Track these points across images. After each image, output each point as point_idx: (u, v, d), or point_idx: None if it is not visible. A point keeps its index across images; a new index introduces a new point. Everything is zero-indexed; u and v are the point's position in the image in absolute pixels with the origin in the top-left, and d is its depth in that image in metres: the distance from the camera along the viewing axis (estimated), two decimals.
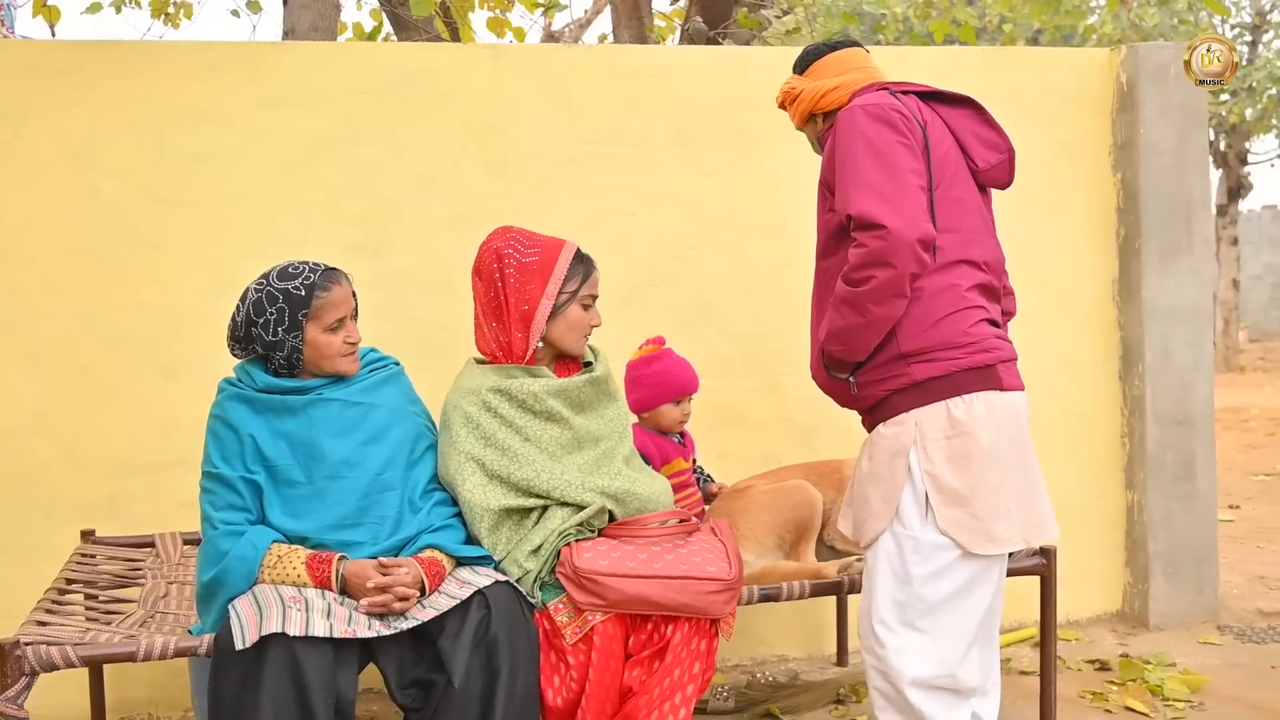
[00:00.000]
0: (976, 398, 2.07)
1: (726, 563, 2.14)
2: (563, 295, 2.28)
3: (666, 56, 3.54)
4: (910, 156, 2.05)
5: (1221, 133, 12.83)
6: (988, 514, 2.07)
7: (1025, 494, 2.13)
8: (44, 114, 3.00)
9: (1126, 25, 9.71)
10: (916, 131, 2.09)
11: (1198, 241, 3.60)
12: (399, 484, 2.20)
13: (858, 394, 2.16)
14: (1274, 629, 3.59)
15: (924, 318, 2.07)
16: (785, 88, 2.34)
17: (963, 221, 2.13)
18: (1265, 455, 7.19)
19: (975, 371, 2.09)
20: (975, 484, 2.06)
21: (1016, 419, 2.13)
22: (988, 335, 2.13)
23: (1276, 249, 16.95)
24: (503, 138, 3.24)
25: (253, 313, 2.15)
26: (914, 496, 2.09)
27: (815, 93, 2.26)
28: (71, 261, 3.02)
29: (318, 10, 4.27)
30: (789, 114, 2.37)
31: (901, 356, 2.09)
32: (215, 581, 2.07)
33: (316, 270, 2.18)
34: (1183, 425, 3.59)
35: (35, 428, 3.01)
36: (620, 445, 2.36)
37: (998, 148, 2.24)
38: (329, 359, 2.18)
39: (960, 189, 2.15)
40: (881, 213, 1.99)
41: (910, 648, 2.08)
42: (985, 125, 2.25)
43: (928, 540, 2.07)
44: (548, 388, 2.26)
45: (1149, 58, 3.55)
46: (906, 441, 2.08)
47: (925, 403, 2.08)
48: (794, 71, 2.36)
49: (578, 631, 2.08)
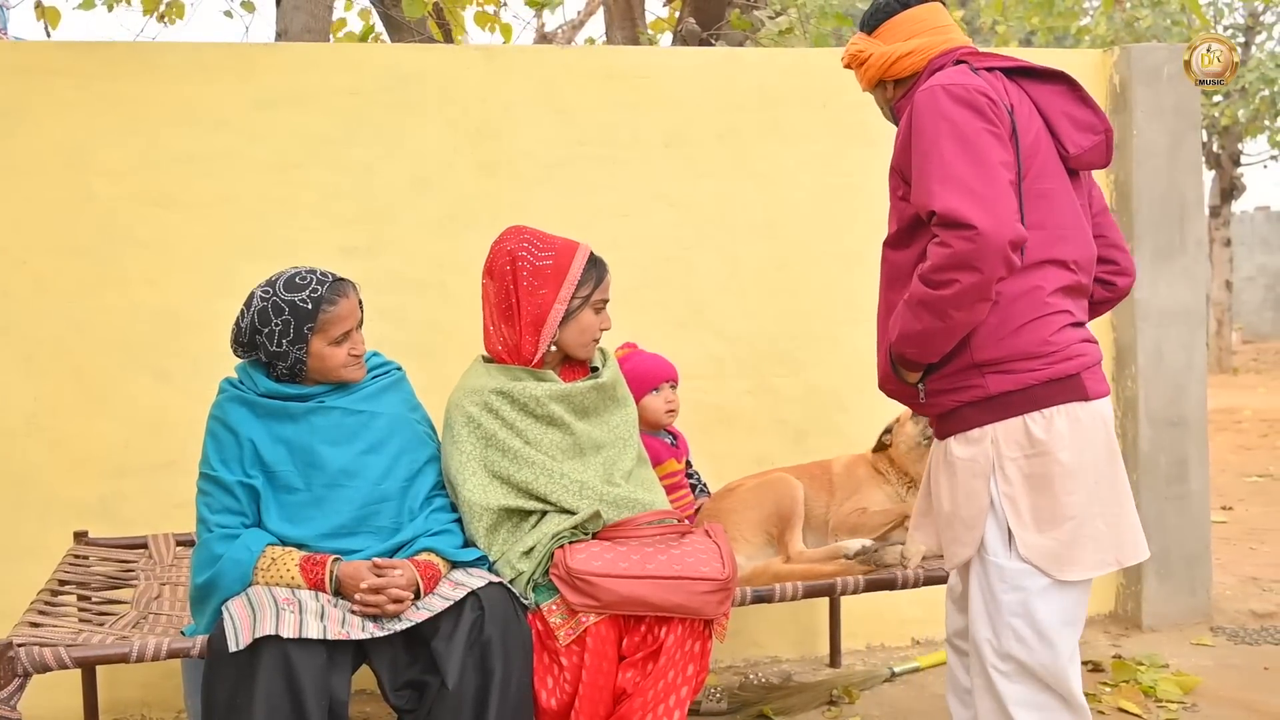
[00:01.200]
0: (1057, 412, 1.91)
1: (720, 563, 2.14)
2: (575, 300, 2.27)
3: (659, 58, 3.54)
4: (999, 147, 1.85)
5: (1214, 134, 12.86)
6: (1072, 538, 1.92)
7: (1115, 512, 1.97)
8: (37, 115, 2.99)
9: (1120, 26, 9.74)
10: (1004, 116, 1.89)
11: (1191, 243, 3.61)
12: (397, 495, 2.20)
13: (926, 402, 2.02)
14: (1267, 630, 3.60)
15: (1002, 325, 1.91)
16: (853, 49, 2.11)
17: (1050, 216, 1.94)
18: (1258, 457, 7.21)
19: (1057, 383, 1.92)
20: (1058, 507, 1.92)
21: (1102, 431, 1.96)
22: (1072, 341, 1.95)
23: (1270, 250, 17.00)
24: (496, 139, 3.24)
25: (257, 321, 2.13)
26: (996, 522, 1.95)
27: (886, 58, 2.05)
28: (64, 262, 3.02)
29: (310, 12, 4.26)
30: (857, 77, 2.15)
31: (975, 366, 1.93)
32: (209, 584, 2.07)
33: (324, 282, 2.15)
34: (1176, 426, 3.59)
35: (28, 429, 3.00)
36: (624, 453, 2.35)
37: (1093, 128, 2.01)
38: (333, 370, 2.18)
39: (1050, 179, 1.96)
40: (971, 211, 1.79)
41: (1012, 672, 1.96)
42: (1079, 104, 2.02)
43: (1012, 568, 1.93)
44: (550, 392, 2.26)
45: (1142, 59, 3.56)
46: (985, 465, 1.93)
47: (1001, 418, 1.93)
48: (861, 30, 2.13)
49: (571, 633, 2.07)
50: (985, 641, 1.99)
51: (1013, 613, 1.95)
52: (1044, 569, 1.93)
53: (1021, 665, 1.96)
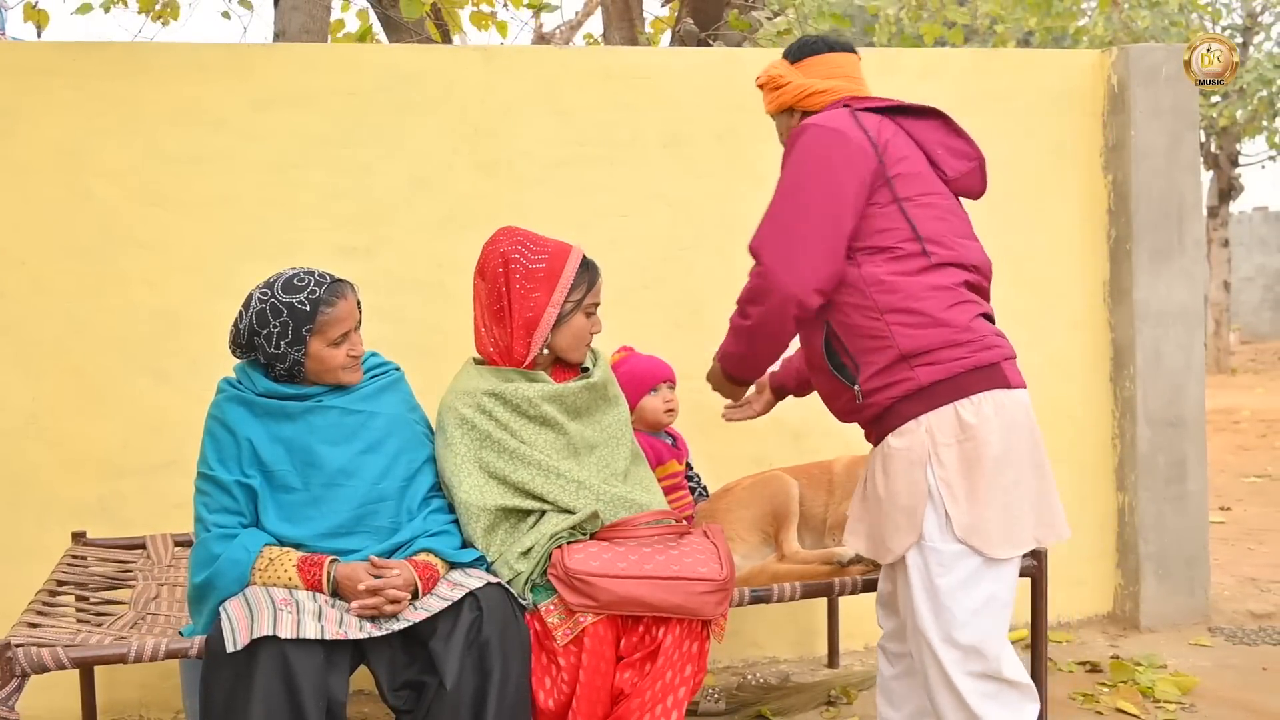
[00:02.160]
0: (984, 398, 2.04)
1: (718, 563, 2.14)
2: (568, 304, 2.28)
3: (658, 58, 3.54)
4: (837, 197, 2.04)
5: (1212, 135, 12.87)
6: (1003, 518, 2.04)
7: (1038, 493, 2.11)
8: (35, 115, 2.99)
9: (1118, 27, 9.74)
10: (866, 156, 2.07)
11: (1189, 243, 3.61)
12: (395, 495, 2.19)
13: (863, 403, 2.12)
14: (1265, 631, 3.60)
15: (922, 315, 2.05)
16: (773, 72, 2.28)
17: (944, 226, 2.12)
18: (1256, 457, 7.21)
19: (980, 371, 2.06)
20: (989, 488, 2.03)
21: (1025, 416, 2.10)
22: (988, 332, 2.11)
23: (1268, 251, 17.00)
24: (494, 139, 3.24)
25: (256, 323, 2.13)
26: (934, 509, 2.05)
27: (802, 89, 2.23)
28: (62, 263, 3.02)
29: (308, 12, 4.26)
30: (765, 97, 2.32)
31: (904, 358, 2.05)
32: (207, 584, 2.07)
33: (322, 283, 2.15)
34: (1174, 427, 3.60)
35: (26, 429, 3.00)
36: (618, 451, 2.35)
37: (967, 156, 2.22)
38: (331, 371, 2.18)
39: (938, 196, 2.14)
40: (771, 256, 2.05)
41: (960, 658, 2.05)
42: (953, 135, 2.23)
43: (949, 550, 2.04)
44: (543, 393, 2.26)
45: (1140, 59, 3.56)
46: (922, 454, 2.04)
47: (933, 407, 2.04)
48: (785, 58, 2.30)
49: (569, 633, 2.07)
50: (930, 630, 2.07)
51: (950, 595, 2.05)
52: (978, 548, 2.04)
53: (967, 649, 2.05)
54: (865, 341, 2.09)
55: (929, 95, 3.59)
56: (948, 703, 2.08)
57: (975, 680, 2.06)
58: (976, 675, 2.06)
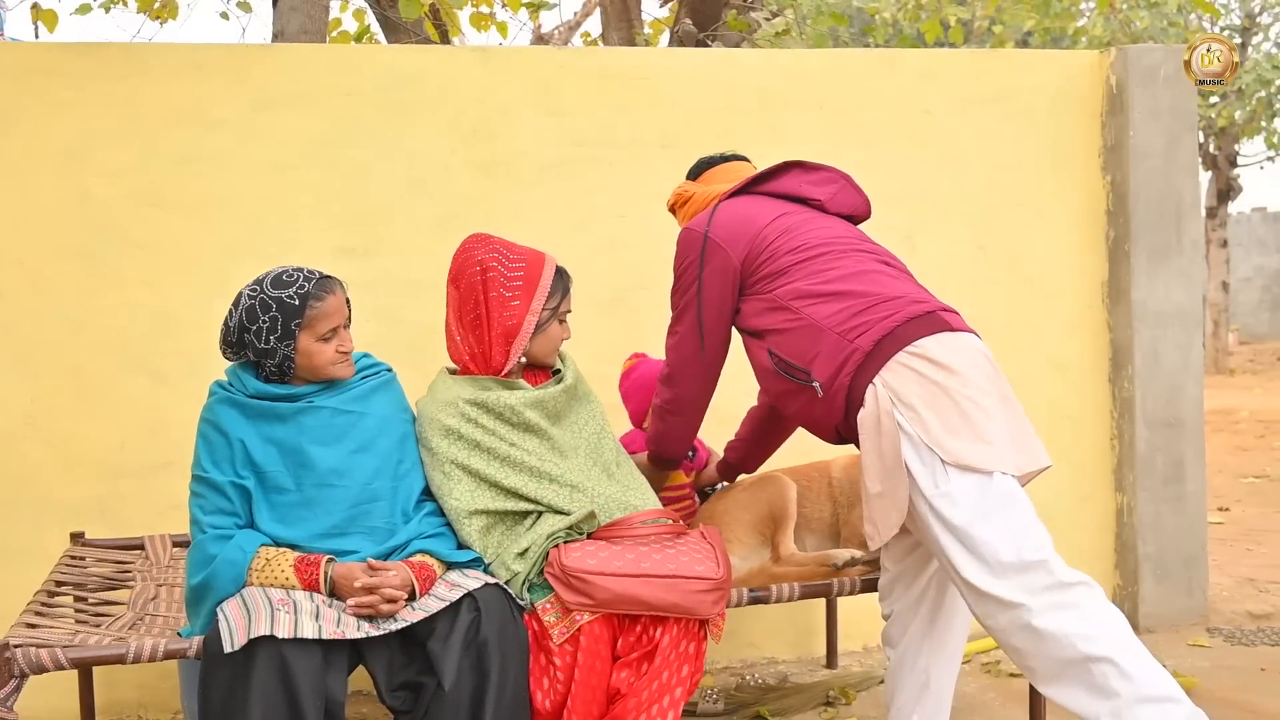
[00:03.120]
0: (929, 340, 2.08)
1: (715, 562, 2.14)
2: (545, 311, 2.29)
3: (656, 58, 3.54)
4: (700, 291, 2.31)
5: (1211, 135, 12.88)
6: (989, 435, 2.02)
7: (1010, 423, 2.09)
8: (33, 116, 2.99)
9: (1116, 27, 9.74)
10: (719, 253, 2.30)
11: (1187, 244, 3.61)
12: (388, 494, 2.19)
13: (829, 396, 2.12)
14: (1263, 631, 3.60)
15: (844, 293, 2.16)
16: (678, 190, 2.55)
17: (829, 234, 2.29)
18: (1255, 458, 7.22)
19: (917, 320, 2.10)
20: (962, 412, 2.02)
21: (980, 354, 2.12)
22: (913, 289, 2.20)
23: (1266, 251, 17.02)
24: (492, 139, 3.24)
25: (245, 319, 2.14)
26: (917, 456, 2.02)
27: (705, 198, 2.47)
28: (61, 263, 3.01)
29: (307, 13, 4.26)
30: (676, 217, 2.57)
31: (841, 335, 2.12)
32: (204, 585, 2.07)
33: (311, 279, 2.16)
34: (1172, 427, 3.60)
35: (24, 429, 3.00)
36: (600, 447, 2.36)
37: (830, 180, 2.40)
38: (321, 367, 2.18)
39: (815, 219, 2.32)
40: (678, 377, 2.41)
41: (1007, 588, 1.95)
42: (808, 170, 2.42)
43: (949, 487, 2.00)
44: (524, 400, 2.26)
45: (1138, 60, 3.56)
46: (887, 406, 2.04)
47: (881, 364, 2.07)
48: (687, 178, 2.60)
49: (565, 632, 2.07)
50: (974, 573, 1.98)
51: (973, 525, 1.98)
52: (973, 464, 2.00)
53: (1016, 567, 1.95)
54: (803, 342, 2.16)
55: (928, 96, 3.62)
56: (1022, 638, 1.95)
57: (1039, 594, 1.94)
58: (1038, 590, 1.94)
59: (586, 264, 3.23)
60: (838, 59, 3.62)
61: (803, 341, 2.17)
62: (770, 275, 2.25)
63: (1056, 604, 1.94)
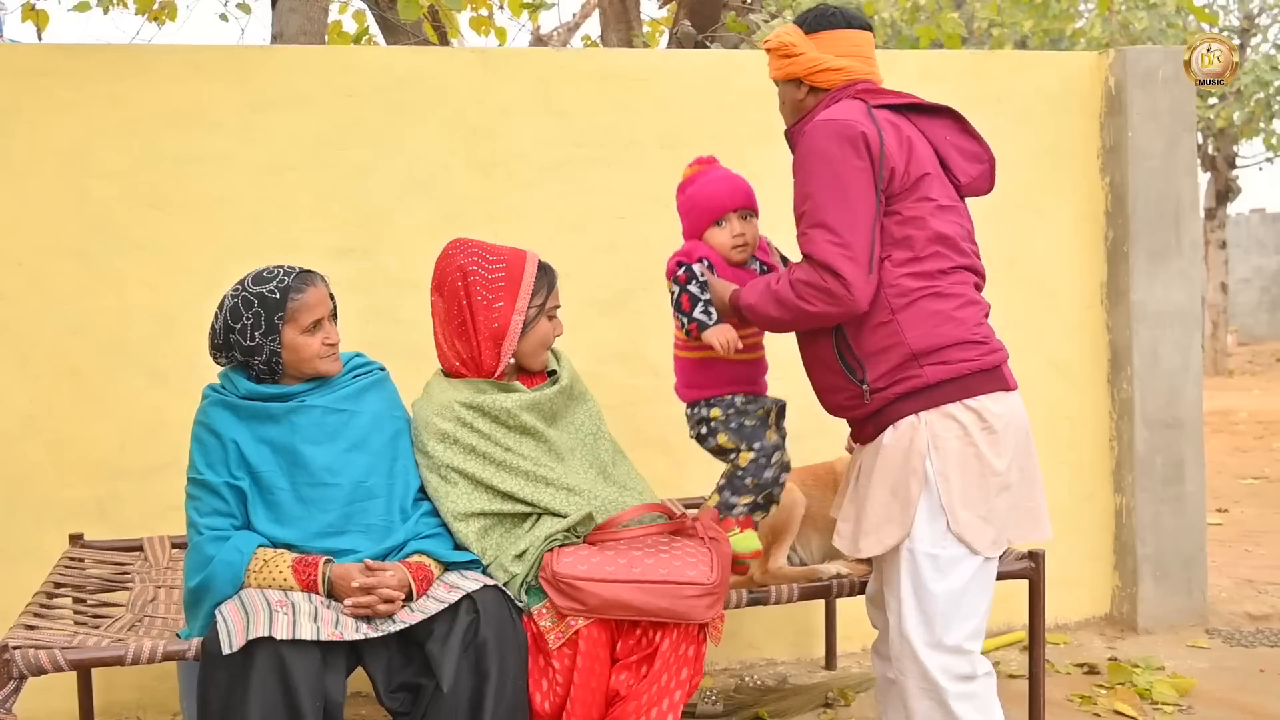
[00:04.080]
0: (987, 399, 2.08)
1: (709, 566, 2.13)
2: (531, 309, 2.28)
3: (655, 60, 3.55)
4: (868, 187, 2.02)
5: (1210, 136, 12.89)
6: (994, 515, 2.09)
7: (1027, 492, 2.16)
8: (33, 117, 2.99)
9: (1114, 29, 9.75)
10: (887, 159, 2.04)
11: (1186, 245, 3.62)
12: (383, 491, 2.20)
13: (868, 401, 2.11)
14: (1262, 632, 3.60)
15: (936, 314, 2.06)
16: (785, 39, 2.18)
17: (960, 235, 2.14)
18: (1254, 459, 7.22)
19: (985, 373, 2.09)
20: (984, 485, 2.07)
21: (1022, 418, 2.15)
22: (992, 334, 2.15)
23: (1265, 252, 17.02)
24: (491, 140, 3.24)
25: (230, 319, 2.14)
26: (929, 504, 2.06)
27: (815, 64, 2.14)
28: (60, 264, 3.01)
29: (306, 14, 4.26)
30: (772, 62, 2.21)
31: (914, 357, 2.06)
32: (202, 587, 2.07)
33: (291, 273, 2.17)
34: (1171, 428, 3.60)
35: (24, 430, 2.99)
36: (597, 449, 2.36)
37: (979, 158, 2.22)
38: (308, 361, 2.18)
39: (949, 199, 2.15)
40: (840, 262, 1.99)
41: (939, 663, 2.08)
42: (965, 135, 2.22)
43: (942, 554, 2.06)
44: (520, 402, 2.25)
45: (1137, 61, 3.57)
46: (921, 447, 2.05)
47: (935, 404, 2.06)
48: (799, 25, 2.19)
49: (561, 636, 2.07)
50: (916, 634, 2.08)
51: (941, 599, 2.06)
52: (973, 544, 2.06)
53: (953, 651, 2.07)
54: (876, 342, 2.09)
55: (927, 96, 3.60)
56: (926, 708, 2.09)
57: (957, 682, 2.08)
58: (959, 678, 2.08)
59: (585, 264, 3.24)
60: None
61: (875, 340, 2.08)
62: (895, 239, 2.06)
63: (967, 693, 2.09)
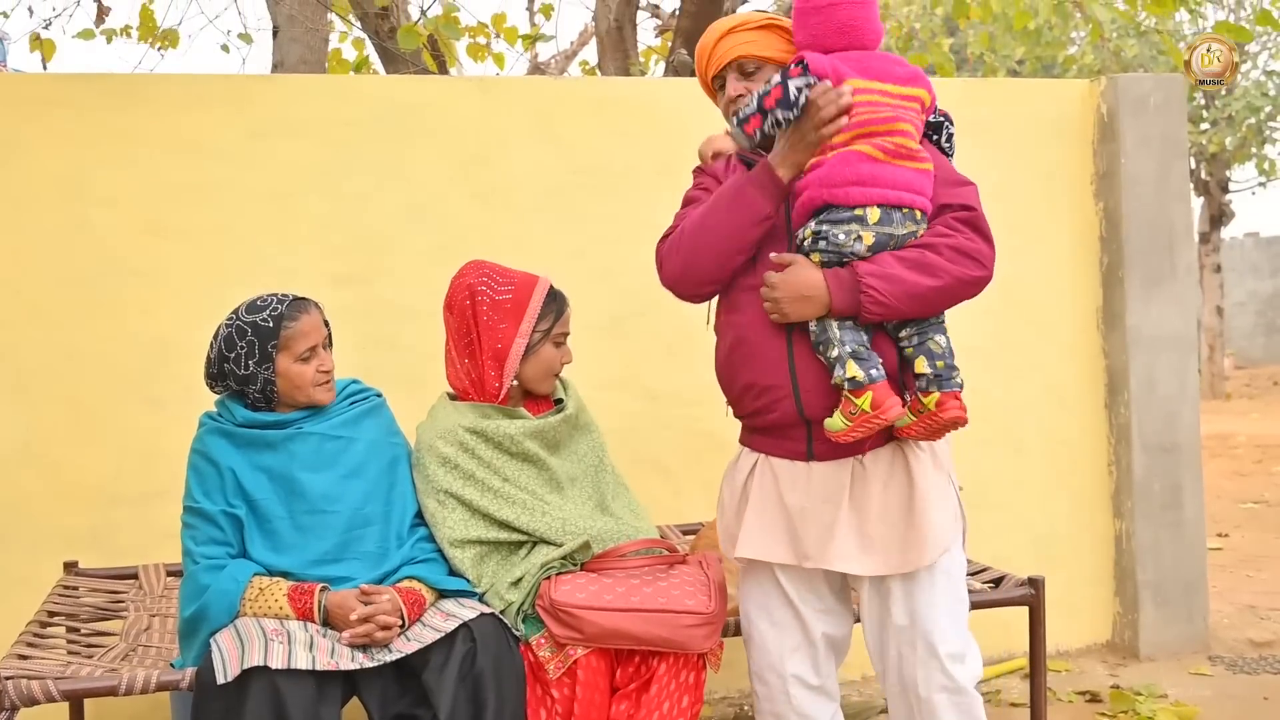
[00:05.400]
0: None
1: (707, 596, 2.11)
2: (536, 334, 2.28)
3: (651, 88, 3.57)
4: None
5: (1202, 161, 12.98)
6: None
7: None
8: (33, 145, 3.01)
9: (1106, 56, 9.84)
10: None
11: (1181, 269, 3.63)
12: (380, 519, 2.19)
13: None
14: (1265, 659, 3.58)
15: None
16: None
17: None
18: (1253, 483, 7.20)
19: None
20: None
21: None
22: None
23: (1260, 276, 17.08)
24: (490, 168, 3.26)
25: (224, 348, 2.14)
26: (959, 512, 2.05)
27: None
28: (59, 291, 3.02)
29: (306, 43, 4.30)
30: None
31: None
32: (197, 616, 2.06)
33: (284, 301, 2.17)
34: (1169, 453, 3.60)
35: (21, 457, 2.98)
36: (599, 480, 2.35)
37: None
38: (302, 389, 2.17)
39: None
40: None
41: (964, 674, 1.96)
42: None
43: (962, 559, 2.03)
44: (524, 429, 2.25)
45: (1128, 89, 3.60)
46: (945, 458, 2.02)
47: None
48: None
49: (560, 666, 2.06)
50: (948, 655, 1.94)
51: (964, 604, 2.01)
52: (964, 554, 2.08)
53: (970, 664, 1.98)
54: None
55: None
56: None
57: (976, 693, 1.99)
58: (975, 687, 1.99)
59: (584, 290, 3.24)
60: None
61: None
62: None
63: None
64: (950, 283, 1.91)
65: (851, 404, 1.88)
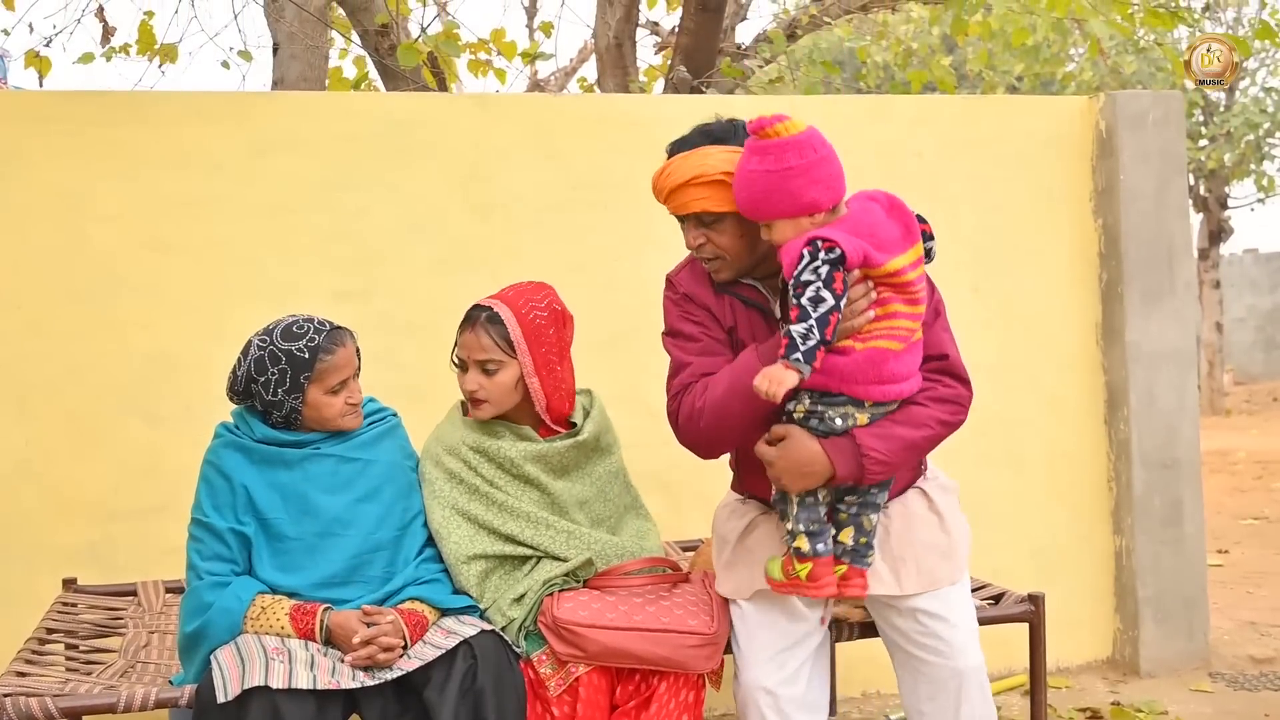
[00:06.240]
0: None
1: (709, 615, 2.11)
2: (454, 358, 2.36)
3: (650, 104, 3.59)
4: None
5: (1201, 178, 13.02)
6: None
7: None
8: (34, 161, 3.02)
9: (1105, 72, 9.88)
10: None
11: (1180, 285, 3.64)
12: (391, 544, 2.18)
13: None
14: (1266, 676, 3.57)
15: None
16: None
17: None
18: (1253, 499, 7.19)
19: None
20: None
21: None
22: None
23: (1259, 292, 17.10)
24: (489, 184, 3.27)
25: (254, 370, 2.12)
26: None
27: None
28: (59, 306, 3.02)
29: (306, 60, 4.32)
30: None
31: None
32: (198, 633, 2.05)
33: (322, 331, 2.14)
34: (1169, 469, 3.59)
35: (20, 474, 2.98)
36: (609, 505, 2.33)
37: None
38: (330, 419, 2.16)
39: None
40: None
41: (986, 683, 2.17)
42: None
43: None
44: (525, 453, 2.24)
45: (1127, 105, 3.61)
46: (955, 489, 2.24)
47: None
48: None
49: (562, 683, 2.05)
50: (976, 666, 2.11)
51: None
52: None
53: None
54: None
55: (920, 140, 3.66)
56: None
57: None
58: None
59: (582, 306, 3.23)
60: (830, 105, 3.67)
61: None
62: None
63: None
64: (937, 430, 2.03)
65: (792, 566, 1.99)
